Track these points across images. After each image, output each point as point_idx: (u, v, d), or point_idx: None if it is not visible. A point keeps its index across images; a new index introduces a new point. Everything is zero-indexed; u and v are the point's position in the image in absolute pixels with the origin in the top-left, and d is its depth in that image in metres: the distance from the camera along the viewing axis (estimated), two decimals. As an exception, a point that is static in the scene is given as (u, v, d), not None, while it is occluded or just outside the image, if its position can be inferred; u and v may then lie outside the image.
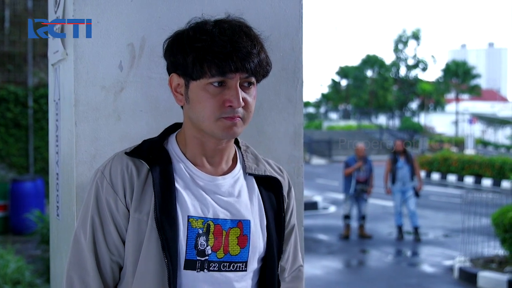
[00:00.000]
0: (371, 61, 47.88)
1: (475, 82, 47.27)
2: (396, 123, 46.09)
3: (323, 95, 53.37)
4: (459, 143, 33.39)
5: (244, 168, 1.52)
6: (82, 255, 1.40)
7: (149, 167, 1.40)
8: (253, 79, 1.40)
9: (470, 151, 28.68)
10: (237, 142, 1.56)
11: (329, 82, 52.44)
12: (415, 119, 45.84)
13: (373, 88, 47.23)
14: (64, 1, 1.85)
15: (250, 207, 1.48)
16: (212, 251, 1.41)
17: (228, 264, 1.43)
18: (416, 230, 10.03)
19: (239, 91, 1.36)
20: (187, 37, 1.38)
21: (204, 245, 1.40)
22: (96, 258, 1.40)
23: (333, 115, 53.96)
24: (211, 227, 1.41)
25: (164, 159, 1.43)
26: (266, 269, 1.50)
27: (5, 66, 11.48)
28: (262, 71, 1.40)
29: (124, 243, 1.41)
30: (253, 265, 1.47)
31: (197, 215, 1.40)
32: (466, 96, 49.56)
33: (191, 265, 1.39)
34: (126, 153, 1.43)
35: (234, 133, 1.40)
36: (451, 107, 50.29)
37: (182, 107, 1.47)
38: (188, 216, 1.39)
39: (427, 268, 8.39)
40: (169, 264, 1.35)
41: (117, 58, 1.78)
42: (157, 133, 1.53)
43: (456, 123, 44.90)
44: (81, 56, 1.75)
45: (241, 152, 1.55)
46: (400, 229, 10.18)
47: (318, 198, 14.37)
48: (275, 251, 1.50)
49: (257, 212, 1.49)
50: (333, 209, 13.42)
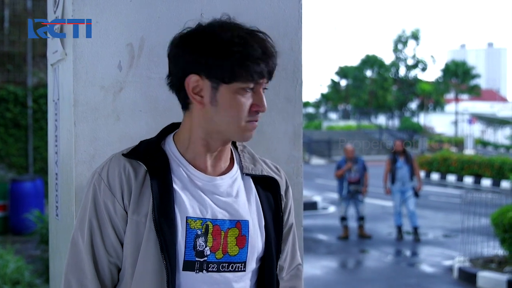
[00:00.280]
0: (371, 61, 47.84)
1: (474, 82, 47.27)
2: (395, 123, 46.08)
3: (323, 95, 53.32)
4: (459, 143, 33.38)
5: (241, 168, 1.51)
6: (80, 257, 1.40)
7: (146, 168, 1.39)
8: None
9: (469, 151, 28.67)
10: (234, 142, 1.55)
11: (329, 82, 52.42)
12: (415, 119, 45.85)
13: (373, 88, 47.19)
14: (63, 1, 1.85)
15: (248, 207, 1.47)
16: (211, 251, 1.40)
17: (227, 264, 1.42)
18: (415, 230, 10.03)
19: (263, 95, 1.39)
20: (220, 39, 1.34)
21: (203, 246, 1.39)
22: (94, 260, 1.39)
23: (333, 115, 53.94)
24: (210, 227, 1.41)
25: (161, 160, 1.42)
26: (264, 269, 1.49)
27: (5, 66, 11.48)
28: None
29: (122, 245, 1.40)
30: (252, 265, 1.47)
31: (195, 216, 1.40)
32: (465, 96, 49.58)
33: (190, 266, 1.38)
34: (123, 155, 1.42)
35: (251, 136, 1.43)
36: (450, 107, 50.27)
37: (186, 108, 1.43)
38: (186, 217, 1.39)
39: (426, 268, 8.39)
40: (168, 265, 1.35)
41: (116, 58, 1.78)
42: (156, 133, 1.52)
43: (455, 123, 44.90)
44: (80, 56, 1.75)
45: (238, 152, 1.54)
46: (399, 229, 10.19)
47: (317, 198, 14.37)
48: (274, 250, 1.50)
49: (255, 212, 1.48)
50: (332, 209, 13.42)
